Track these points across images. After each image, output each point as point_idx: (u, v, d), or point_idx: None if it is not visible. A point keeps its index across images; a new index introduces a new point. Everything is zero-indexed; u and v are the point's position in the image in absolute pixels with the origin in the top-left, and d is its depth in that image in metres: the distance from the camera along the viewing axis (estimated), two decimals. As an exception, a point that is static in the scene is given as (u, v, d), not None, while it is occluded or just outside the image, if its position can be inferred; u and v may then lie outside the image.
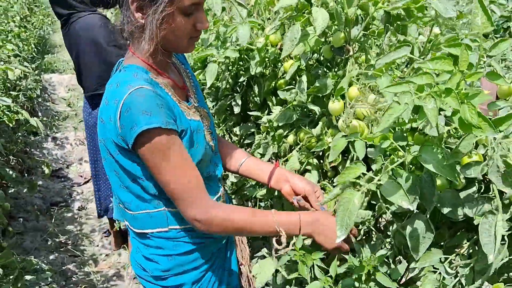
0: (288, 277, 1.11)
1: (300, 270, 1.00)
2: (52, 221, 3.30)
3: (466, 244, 0.98)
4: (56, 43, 8.89)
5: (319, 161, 1.46)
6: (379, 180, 0.93)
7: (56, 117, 5.32)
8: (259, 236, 1.81)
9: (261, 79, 1.80)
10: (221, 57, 1.62)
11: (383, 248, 1.08)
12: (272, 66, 1.80)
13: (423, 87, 0.83)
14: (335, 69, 1.50)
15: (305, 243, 1.12)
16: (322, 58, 1.54)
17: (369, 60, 1.40)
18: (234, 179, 1.85)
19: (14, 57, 4.05)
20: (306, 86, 1.47)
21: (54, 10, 2.47)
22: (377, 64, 1.04)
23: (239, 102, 1.85)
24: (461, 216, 0.95)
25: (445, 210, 0.96)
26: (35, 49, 6.52)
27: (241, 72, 1.87)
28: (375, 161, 1.00)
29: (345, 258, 1.03)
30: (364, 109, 1.16)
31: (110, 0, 1.11)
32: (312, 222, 1.07)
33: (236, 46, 1.68)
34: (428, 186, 0.95)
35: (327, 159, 1.38)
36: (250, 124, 1.89)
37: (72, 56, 2.55)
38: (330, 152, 1.13)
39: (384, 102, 1.09)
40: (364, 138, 1.12)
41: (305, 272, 1.00)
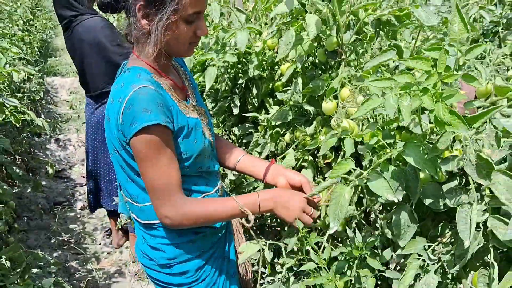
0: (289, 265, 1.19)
1: (310, 245, 1.08)
2: (56, 220, 3.37)
3: (448, 233, 1.06)
4: (58, 47, 8.98)
5: (314, 159, 1.53)
6: (367, 175, 1.01)
7: (59, 119, 5.40)
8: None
9: (259, 81, 1.88)
10: (220, 61, 1.69)
11: (377, 238, 1.15)
12: (270, 69, 1.87)
13: (406, 86, 0.90)
14: (329, 71, 1.57)
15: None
16: (317, 61, 1.62)
17: (361, 63, 1.48)
18: (233, 177, 1.93)
19: (18, 60, 4.14)
20: (302, 87, 1.55)
21: (57, 13, 2.53)
22: (365, 67, 1.12)
23: (238, 104, 1.92)
24: (442, 207, 1.02)
25: (427, 201, 1.03)
26: (38, 53, 6.61)
27: (240, 75, 1.95)
28: (364, 157, 1.08)
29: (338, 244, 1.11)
30: (355, 109, 1.24)
31: (118, 7, 1.19)
32: (270, 198, 1.17)
33: (235, 50, 1.75)
34: (412, 179, 1.03)
35: (321, 157, 1.46)
36: (248, 125, 1.97)
37: (75, 58, 2.60)
38: (322, 147, 1.21)
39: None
40: (354, 136, 1.20)
41: (312, 247, 1.08)
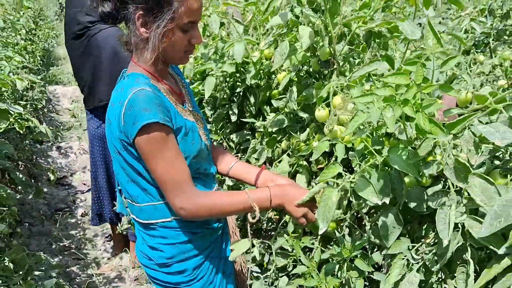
0: (280, 265, 1.24)
1: (296, 250, 1.14)
2: (57, 226, 3.42)
3: (432, 234, 1.11)
4: (60, 56, 9.08)
5: (309, 164, 1.59)
6: (353, 179, 1.07)
7: (61, 127, 5.47)
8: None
9: (256, 90, 1.95)
10: (219, 71, 1.76)
11: (361, 238, 1.21)
12: (267, 78, 1.94)
13: (389, 98, 0.97)
14: (323, 80, 1.64)
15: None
16: (311, 70, 1.69)
17: (354, 71, 1.54)
18: (231, 183, 1.99)
19: (22, 69, 4.22)
20: (297, 96, 1.61)
21: (75, 18, 2.46)
22: (353, 77, 1.18)
23: (236, 111, 1.99)
24: (426, 209, 1.08)
25: (412, 204, 1.09)
26: (41, 61, 6.71)
27: (238, 83, 2.02)
28: (352, 161, 1.14)
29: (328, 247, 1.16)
30: (345, 116, 1.30)
31: (118, 17, 1.25)
32: (282, 195, 1.23)
33: (233, 60, 1.82)
34: (398, 183, 1.09)
35: (315, 162, 1.52)
36: (246, 131, 2.03)
37: (86, 67, 2.55)
38: (314, 153, 1.27)
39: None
40: (345, 142, 1.26)
41: (299, 251, 1.13)
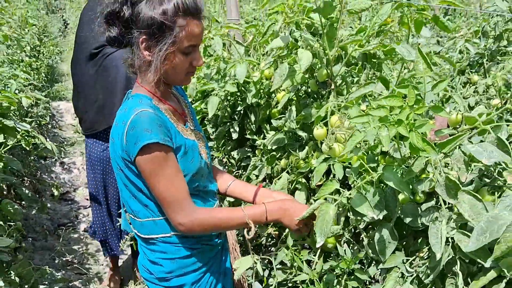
0: (280, 279, 1.29)
1: (297, 263, 1.19)
2: (60, 241, 3.46)
3: (426, 249, 1.16)
4: (64, 72, 9.19)
5: (307, 181, 1.64)
6: (350, 195, 1.12)
7: (64, 143, 5.54)
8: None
9: (257, 109, 2.01)
10: (221, 91, 1.83)
11: (358, 253, 1.26)
12: (267, 97, 2.01)
13: (384, 118, 1.03)
14: (321, 100, 1.70)
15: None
16: (310, 90, 1.75)
17: (350, 92, 1.61)
18: (232, 199, 2.03)
19: (26, 86, 4.30)
20: (296, 115, 1.67)
21: (94, 37, 2.40)
22: (349, 98, 1.24)
23: (237, 129, 2.05)
24: (420, 225, 1.13)
25: (407, 220, 1.14)
26: (45, 78, 6.81)
27: (239, 102, 2.09)
28: (349, 178, 1.20)
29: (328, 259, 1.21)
30: (342, 134, 1.36)
31: (124, 41, 1.32)
32: (278, 210, 1.30)
33: (235, 80, 1.89)
34: (392, 199, 1.14)
35: (313, 179, 1.58)
36: (247, 149, 2.09)
37: (98, 86, 2.49)
38: (314, 176, 1.33)
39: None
40: (342, 160, 1.32)
41: (300, 263, 1.18)
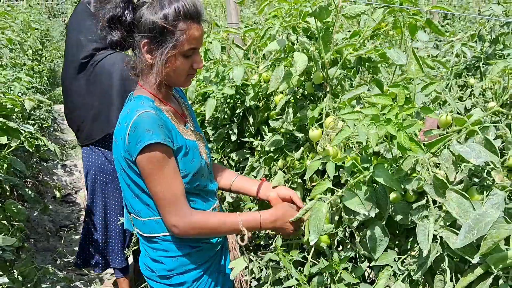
0: (271, 278, 1.32)
1: (284, 263, 1.22)
2: (61, 242, 3.50)
3: (417, 247, 1.19)
4: (66, 75, 9.22)
5: (303, 181, 1.68)
6: (342, 193, 1.16)
7: (66, 146, 5.58)
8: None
9: (255, 111, 2.05)
10: (219, 93, 1.87)
11: (351, 252, 1.29)
12: (265, 100, 2.05)
13: (374, 116, 1.06)
14: (317, 102, 1.74)
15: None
16: (306, 93, 1.79)
17: (346, 93, 1.64)
18: (231, 199, 2.07)
19: (28, 89, 4.35)
20: (292, 117, 1.71)
21: (81, 44, 2.40)
22: (342, 99, 1.28)
23: (236, 131, 2.09)
24: (411, 223, 1.16)
25: (398, 218, 1.17)
26: (47, 81, 6.87)
27: (238, 105, 2.12)
28: (341, 178, 1.23)
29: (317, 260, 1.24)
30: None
31: (126, 44, 1.36)
32: (271, 221, 1.33)
33: (233, 83, 1.93)
34: (383, 197, 1.17)
35: (309, 179, 1.61)
36: (246, 150, 2.12)
37: (94, 94, 2.45)
38: (307, 171, 1.36)
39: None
40: (336, 160, 1.35)
41: (288, 265, 1.21)
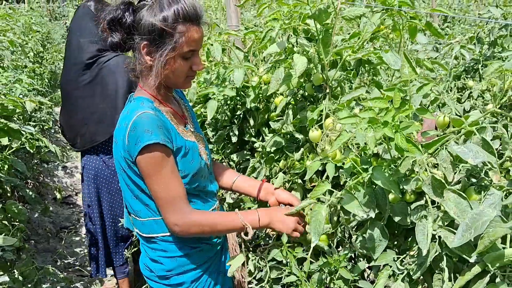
0: (273, 276, 1.33)
1: (290, 259, 1.23)
2: (62, 244, 3.51)
3: (416, 247, 1.20)
4: (67, 77, 9.23)
5: (303, 182, 1.69)
6: (341, 195, 1.17)
7: (66, 148, 5.59)
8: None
9: (256, 112, 2.06)
10: (220, 95, 1.88)
11: (350, 251, 1.30)
12: (265, 101, 2.06)
13: (373, 120, 1.07)
14: (317, 104, 1.75)
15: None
16: (306, 94, 1.80)
17: (345, 95, 1.65)
18: (231, 201, 2.08)
19: (29, 91, 4.36)
20: (292, 118, 1.72)
21: (84, 47, 2.40)
22: (341, 101, 1.29)
23: (236, 132, 2.10)
24: (410, 223, 1.17)
25: (397, 218, 1.18)
26: (48, 84, 6.88)
27: (238, 106, 2.14)
28: (340, 179, 1.24)
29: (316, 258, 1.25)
30: (334, 137, 1.40)
31: (125, 46, 1.37)
32: (268, 215, 1.35)
33: (234, 85, 1.94)
34: (382, 198, 1.18)
35: (309, 180, 1.62)
36: (246, 152, 2.14)
37: (97, 95, 2.44)
38: (307, 172, 1.37)
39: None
40: (335, 161, 1.36)
41: (293, 260, 1.22)
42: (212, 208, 1.44)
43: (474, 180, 1.14)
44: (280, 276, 1.33)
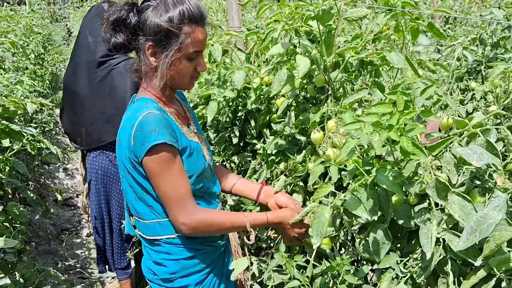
0: (276, 282, 1.32)
1: (288, 269, 1.22)
2: (63, 246, 3.50)
3: (419, 250, 1.19)
4: (68, 79, 9.24)
5: (305, 184, 1.68)
6: (344, 197, 1.16)
7: (67, 149, 5.59)
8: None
9: (257, 114, 2.05)
10: (220, 97, 1.87)
11: (353, 255, 1.29)
12: (267, 103, 2.05)
13: (377, 123, 1.06)
14: (319, 105, 1.74)
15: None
16: (308, 96, 1.79)
17: (347, 97, 1.64)
18: (232, 202, 2.07)
19: (31, 93, 4.36)
20: (294, 119, 1.71)
21: (97, 46, 2.40)
22: (343, 103, 1.28)
23: (237, 134, 2.09)
24: (413, 226, 1.16)
25: (400, 221, 1.17)
26: (49, 85, 6.88)
27: (240, 108, 2.13)
28: (343, 181, 1.23)
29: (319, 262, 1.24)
30: (338, 138, 1.39)
31: (130, 47, 1.36)
32: (278, 223, 1.36)
33: (235, 86, 1.94)
34: (385, 200, 1.17)
35: (310, 180, 1.61)
36: (247, 153, 2.13)
37: (104, 95, 2.42)
38: (310, 177, 1.36)
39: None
40: (338, 163, 1.35)
41: (292, 269, 1.22)
42: (216, 210, 1.43)
43: (478, 182, 1.13)
44: (283, 281, 1.32)
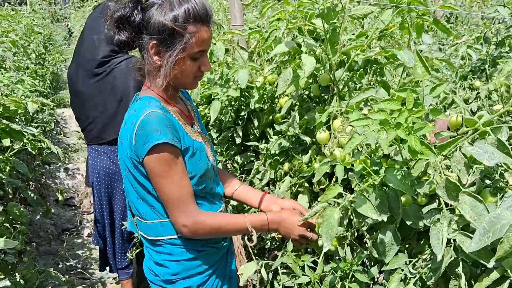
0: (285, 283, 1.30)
1: (294, 268, 1.20)
2: (63, 246, 3.47)
3: (429, 250, 1.17)
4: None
5: (310, 185, 1.66)
6: (353, 198, 1.14)
7: (68, 149, 5.57)
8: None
9: (260, 113, 2.03)
10: (223, 96, 1.85)
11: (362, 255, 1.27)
12: (270, 102, 2.03)
13: (384, 121, 1.04)
14: (323, 105, 1.72)
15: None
16: (312, 95, 1.77)
17: (352, 97, 1.62)
18: (235, 203, 2.05)
19: (31, 92, 4.34)
20: (298, 119, 1.69)
21: (100, 45, 2.39)
22: (350, 103, 1.26)
23: (240, 134, 2.07)
24: (422, 227, 1.14)
25: (409, 222, 1.15)
26: (50, 85, 6.87)
27: (242, 107, 2.11)
28: (351, 182, 1.21)
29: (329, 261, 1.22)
30: (344, 138, 1.37)
31: (133, 45, 1.34)
32: (279, 222, 1.33)
33: (238, 85, 1.91)
34: (394, 201, 1.15)
35: (317, 183, 1.59)
36: (250, 153, 2.11)
37: (105, 94, 2.41)
38: (315, 174, 1.34)
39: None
40: (344, 163, 1.33)
41: (297, 269, 1.19)
42: (219, 211, 1.40)
43: (489, 182, 1.10)
44: (290, 283, 1.30)
